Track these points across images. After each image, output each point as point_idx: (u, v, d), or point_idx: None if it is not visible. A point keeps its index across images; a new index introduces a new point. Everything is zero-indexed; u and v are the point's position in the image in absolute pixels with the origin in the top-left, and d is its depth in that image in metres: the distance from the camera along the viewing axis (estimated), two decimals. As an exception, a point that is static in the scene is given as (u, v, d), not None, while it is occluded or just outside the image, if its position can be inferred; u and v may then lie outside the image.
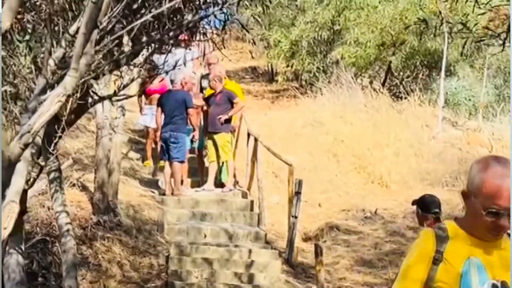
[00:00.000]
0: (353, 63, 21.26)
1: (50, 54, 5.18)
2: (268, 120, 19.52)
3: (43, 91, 4.81)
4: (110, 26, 6.43)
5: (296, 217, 12.16)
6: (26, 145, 4.43)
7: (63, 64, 5.15)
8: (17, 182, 4.42)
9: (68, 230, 6.66)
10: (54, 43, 5.41)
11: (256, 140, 14.01)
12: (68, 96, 6.73)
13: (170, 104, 13.64)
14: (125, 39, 7.12)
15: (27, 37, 5.91)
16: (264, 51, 26.39)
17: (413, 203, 7.93)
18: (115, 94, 6.70)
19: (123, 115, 12.60)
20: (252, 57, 28.99)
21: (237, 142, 15.07)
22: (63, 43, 5.29)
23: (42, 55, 5.61)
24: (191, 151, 14.57)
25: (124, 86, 6.67)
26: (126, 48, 7.10)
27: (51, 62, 5.18)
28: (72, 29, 5.33)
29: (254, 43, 24.21)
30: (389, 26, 20.69)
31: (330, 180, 15.89)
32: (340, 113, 18.52)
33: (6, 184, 4.35)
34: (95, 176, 12.09)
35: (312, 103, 19.97)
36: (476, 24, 7.54)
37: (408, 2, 20.43)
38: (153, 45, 7.10)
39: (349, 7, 21.45)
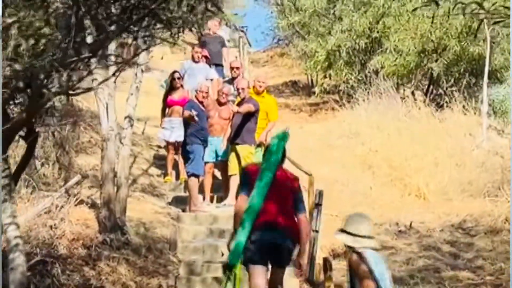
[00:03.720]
0: (393, 72, 20.24)
1: None
2: (302, 133, 18.69)
3: None
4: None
5: (317, 231, 11.17)
6: None
7: None
8: None
9: (17, 245, 5.80)
10: None
11: (277, 150, 13.06)
12: (16, 91, 5.98)
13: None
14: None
15: None
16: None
17: None
18: (70, 88, 5.85)
19: (131, 125, 11.78)
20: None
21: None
22: None
23: None
24: (215, 164, 13.78)
25: (79, 80, 5.82)
26: (89, 39, 6.30)
27: None
28: None
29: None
30: (430, 31, 19.64)
31: (364, 193, 14.89)
32: (377, 124, 17.51)
33: None
34: (101, 192, 11.30)
35: (349, 115, 19.06)
36: (494, 4, 6.54)
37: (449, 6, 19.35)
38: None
39: (388, 13, 20.47)
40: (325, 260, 9.08)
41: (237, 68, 14.87)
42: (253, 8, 60.28)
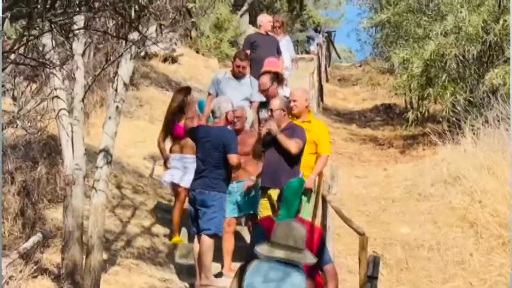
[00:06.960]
0: (518, 90, 19.58)
1: None
2: (385, 177, 18.29)
3: None
4: None
5: (370, 319, 10.48)
6: None
7: None
8: None
9: None
10: None
11: (324, 201, 12.54)
12: None
13: (203, 147, 12.41)
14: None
15: None
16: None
17: None
18: None
19: (108, 163, 11.29)
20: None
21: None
22: None
23: None
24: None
25: None
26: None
27: None
28: None
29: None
30: None
31: (460, 262, 14.36)
32: (487, 164, 16.82)
33: None
34: (62, 257, 10.90)
35: (451, 151, 18.41)
36: None
37: None
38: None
39: (509, 8, 19.86)
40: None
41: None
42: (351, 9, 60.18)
